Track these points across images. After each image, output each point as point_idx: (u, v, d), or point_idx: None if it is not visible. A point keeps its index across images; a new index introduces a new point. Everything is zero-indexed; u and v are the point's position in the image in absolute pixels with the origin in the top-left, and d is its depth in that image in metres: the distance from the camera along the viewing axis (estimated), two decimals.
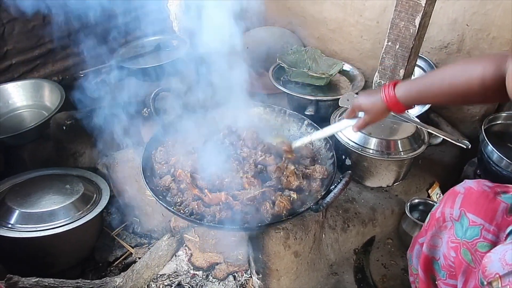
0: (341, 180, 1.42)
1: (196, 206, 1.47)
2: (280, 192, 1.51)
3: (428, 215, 1.33)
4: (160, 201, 1.44)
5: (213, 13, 2.05)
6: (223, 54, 2.02)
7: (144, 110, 2.08)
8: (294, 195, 1.51)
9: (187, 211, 1.46)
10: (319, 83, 2.23)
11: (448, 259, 1.17)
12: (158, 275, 1.67)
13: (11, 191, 1.82)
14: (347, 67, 2.39)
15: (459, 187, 1.22)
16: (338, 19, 2.56)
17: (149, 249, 1.78)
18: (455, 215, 1.17)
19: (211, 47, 2.23)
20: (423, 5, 1.62)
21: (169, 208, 1.42)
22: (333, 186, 1.46)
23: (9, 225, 1.68)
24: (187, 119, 1.88)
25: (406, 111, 1.30)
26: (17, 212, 1.70)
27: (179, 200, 1.51)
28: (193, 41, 2.29)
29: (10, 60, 2.27)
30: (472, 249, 1.09)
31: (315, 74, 2.21)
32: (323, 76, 2.20)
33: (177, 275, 1.67)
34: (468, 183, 1.21)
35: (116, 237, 1.91)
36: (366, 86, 2.35)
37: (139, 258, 1.74)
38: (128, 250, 1.86)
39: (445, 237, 1.20)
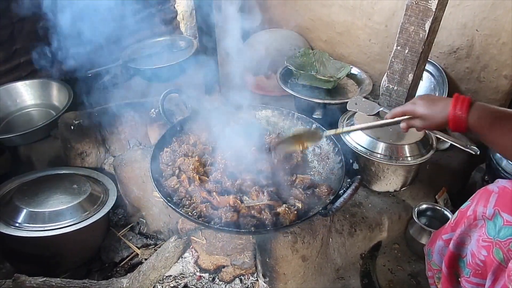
0: (350, 185, 1.42)
1: (204, 209, 1.47)
2: (285, 205, 1.49)
3: (456, 212, 1.31)
4: (168, 203, 1.44)
5: (221, 14, 2.05)
6: (228, 55, 2.02)
7: (152, 110, 2.08)
8: (299, 204, 1.50)
9: (195, 214, 1.46)
10: (327, 86, 2.23)
11: (477, 257, 1.16)
12: (164, 277, 1.66)
13: (19, 190, 1.82)
14: (354, 70, 2.38)
15: (493, 186, 1.19)
16: (346, 22, 2.56)
17: (155, 250, 1.78)
18: (488, 214, 1.15)
19: (217, 48, 2.24)
20: (434, 9, 1.61)
21: (177, 210, 1.42)
22: (342, 191, 1.45)
23: (17, 224, 1.68)
24: (194, 120, 1.89)
25: None
26: (24, 211, 1.70)
27: (187, 203, 1.51)
28: (201, 42, 2.30)
29: (19, 59, 2.28)
30: (504, 248, 1.08)
31: (323, 77, 2.21)
32: (331, 79, 2.20)
33: (184, 277, 1.67)
34: (501, 183, 1.18)
35: (122, 238, 1.91)
36: (374, 90, 2.34)
37: (146, 259, 1.74)
38: (134, 251, 1.86)
39: (475, 235, 1.19)
